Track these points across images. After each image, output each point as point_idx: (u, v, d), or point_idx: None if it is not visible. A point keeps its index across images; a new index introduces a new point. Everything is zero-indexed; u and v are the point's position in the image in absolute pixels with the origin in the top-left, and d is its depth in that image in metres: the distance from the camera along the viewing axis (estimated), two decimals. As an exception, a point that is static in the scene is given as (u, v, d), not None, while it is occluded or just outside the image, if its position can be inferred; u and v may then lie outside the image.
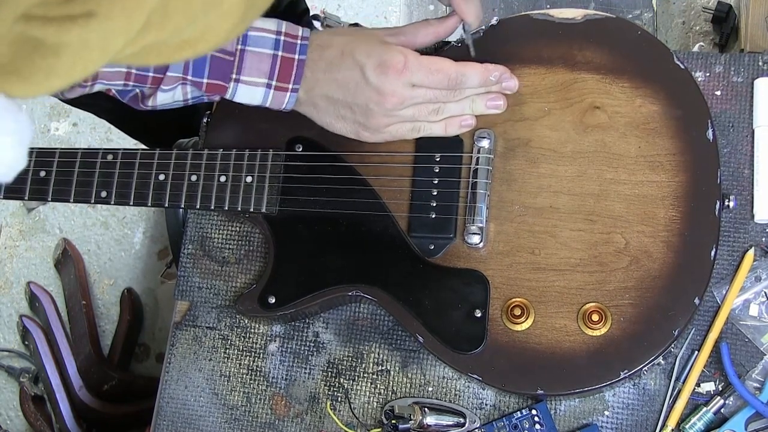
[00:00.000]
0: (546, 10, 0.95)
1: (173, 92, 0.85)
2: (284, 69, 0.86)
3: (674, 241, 0.86)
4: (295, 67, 0.86)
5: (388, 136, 0.91)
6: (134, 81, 0.84)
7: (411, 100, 0.87)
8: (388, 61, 0.85)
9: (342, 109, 0.88)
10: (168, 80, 0.84)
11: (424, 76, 0.86)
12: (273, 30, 0.86)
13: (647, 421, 0.89)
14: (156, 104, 0.87)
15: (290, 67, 0.86)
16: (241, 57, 0.85)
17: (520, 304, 0.87)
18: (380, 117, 0.88)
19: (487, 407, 0.92)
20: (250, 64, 0.85)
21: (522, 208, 0.90)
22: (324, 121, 0.91)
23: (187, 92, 0.86)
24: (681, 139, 0.89)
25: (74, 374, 1.70)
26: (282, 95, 0.87)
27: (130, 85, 0.84)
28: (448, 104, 0.90)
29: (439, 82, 0.87)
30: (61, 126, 2.01)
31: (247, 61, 0.85)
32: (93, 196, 0.95)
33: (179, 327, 1.00)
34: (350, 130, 0.91)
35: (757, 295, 0.90)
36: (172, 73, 0.83)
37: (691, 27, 1.73)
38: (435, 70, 0.86)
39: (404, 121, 0.89)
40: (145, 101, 0.87)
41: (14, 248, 1.94)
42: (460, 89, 0.89)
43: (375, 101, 0.86)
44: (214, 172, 0.94)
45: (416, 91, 0.87)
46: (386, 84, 0.85)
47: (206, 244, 1.02)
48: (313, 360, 0.97)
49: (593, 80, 0.92)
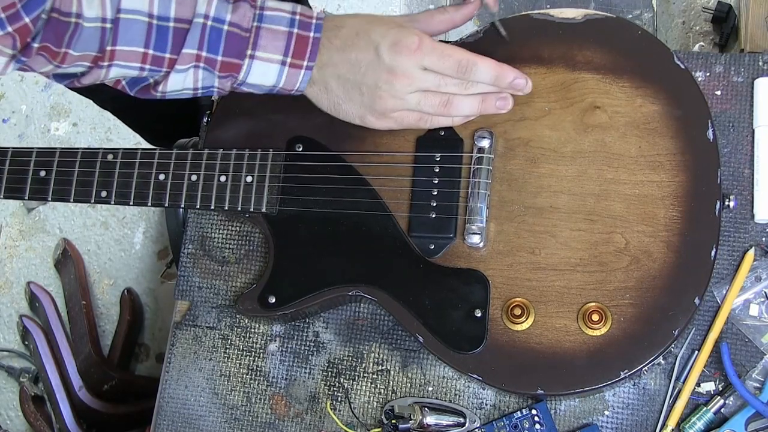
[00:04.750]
0: (546, 10, 0.95)
1: (185, 75, 0.85)
2: (299, 46, 0.86)
3: (674, 241, 0.86)
4: (310, 44, 0.86)
5: (393, 124, 0.90)
6: (150, 64, 0.84)
7: (420, 83, 0.87)
8: (403, 41, 0.85)
9: (351, 90, 0.88)
10: (183, 58, 0.84)
11: (437, 60, 0.86)
12: (288, 10, 0.87)
13: (647, 421, 0.89)
14: (167, 90, 0.86)
15: (305, 44, 0.86)
16: (256, 33, 0.85)
17: (520, 304, 0.87)
18: (388, 98, 0.87)
19: (487, 407, 0.92)
20: (266, 41, 0.85)
21: (522, 208, 0.90)
22: (332, 103, 0.90)
23: (199, 79, 0.86)
24: (681, 139, 0.89)
25: (74, 374, 1.70)
26: (296, 73, 0.87)
27: (146, 70, 0.84)
28: (458, 98, 0.89)
29: (450, 68, 0.87)
30: (61, 126, 2.01)
31: (262, 38, 0.85)
32: (93, 196, 0.95)
33: (179, 327, 1.00)
34: (356, 114, 0.90)
35: (757, 295, 0.90)
36: (187, 50, 0.83)
37: (691, 27, 1.73)
38: (447, 55, 0.86)
39: (410, 108, 0.89)
40: (156, 87, 0.87)
41: (14, 248, 1.94)
42: (471, 81, 0.89)
43: (385, 80, 0.86)
44: (214, 171, 0.94)
45: (426, 74, 0.87)
46: (399, 63, 0.85)
47: (206, 243, 1.02)
48: (313, 360, 0.97)
49: (593, 80, 0.92)
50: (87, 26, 0.80)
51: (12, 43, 0.76)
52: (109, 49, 0.82)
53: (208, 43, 0.84)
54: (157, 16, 0.82)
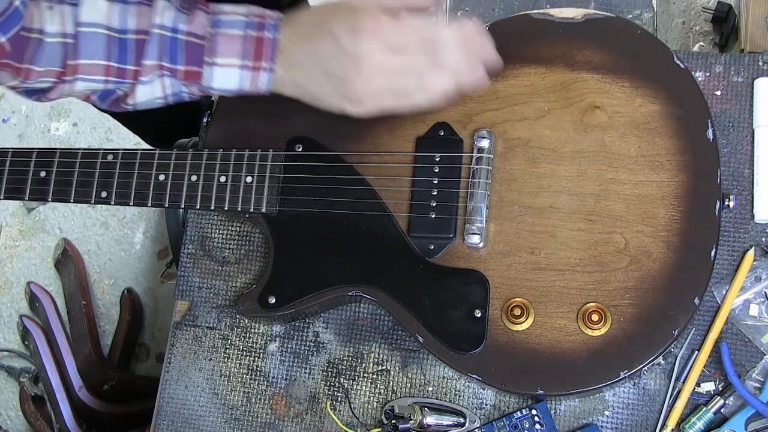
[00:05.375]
0: (546, 10, 0.95)
1: (152, 86, 0.85)
2: (256, 48, 0.85)
3: (674, 241, 0.86)
4: (265, 46, 0.85)
5: (372, 108, 0.86)
6: (114, 76, 0.84)
7: (385, 64, 0.84)
8: (360, 25, 0.83)
9: (322, 83, 0.86)
10: (146, 70, 0.84)
11: (399, 38, 0.83)
12: (242, 12, 0.86)
13: (647, 421, 0.89)
14: (137, 102, 0.86)
15: (261, 45, 0.85)
16: (213, 40, 0.85)
17: (520, 304, 0.87)
18: (358, 85, 0.84)
19: (487, 407, 0.92)
20: (223, 46, 0.85)
21: (522, 208, 0.90)
22: (310, 98, 0.88)
23: (166, 86, 0.86)
24: (681, 139, 0.89)
25: (74, 374, 1.71)
26: (257, 75, 0.86)
27: (111, 82, 0.84)
28: (428, 72, 0.85)
29: (413, 42, 0.84)
30: (61, 126, 2.01)
31: (220, 44, 0.85)
32: (93, 196, 0.95)
33: (179, 327, 1.01)
34: (335, 105, 0.87)
35: (757, 295, 0.90)
36: (148, 61, 0.83)
37: (691, 27, 1.73)
38: (408, 32, 0.83)
39: (383, 91, 0.86)
40: (126, 100, 0.87)
41: (14, 248, 1.94)
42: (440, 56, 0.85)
43: (351, 67, 0.84)
44: (214, 172, 0.94)
45: (391, 55, 0.84)
46: (360, 47, 0.83)
47: (206, 244, 1.02)
48: (313, 360, 0.97)
49: (593, 80, 0.92)
50: (49, 41, 0.80)
51: None
52: (71, 64, 0.82)
53: (168, 52, 0.84)
54: (116, 29, 0.82)
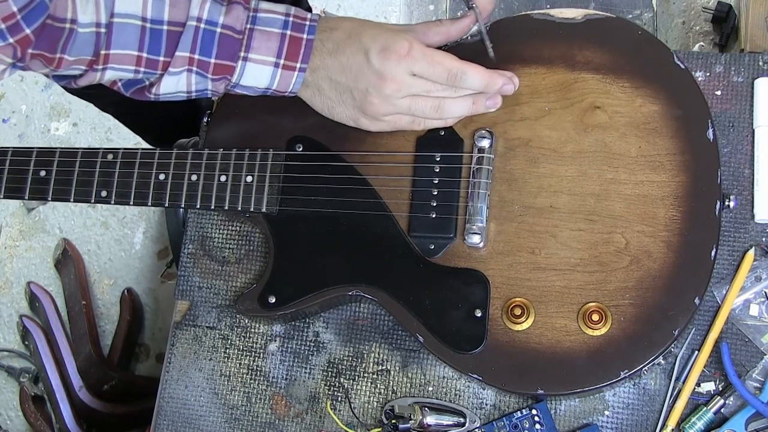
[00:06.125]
0: (546, 10, 0.95)
1: (178, 78, 0.85)
2: (292, 48, 0.86)
3: (674, 241, 0.86)
4: (303, 47, 0.86)
5: (386, 126, 0.91)
6: (145, 66, 0.84)
7: (409, 89, 0.87)
8: (393, 46, 0.85)
9: (343, 93, 0.89)
10: (176, 61, 0.84)
11: (426, 67, 0.86)
12: (282, 12, 0.87)
13: (647, 421, 0.89)
14: (160, 92, 0.87)
15: (298, 46, 0.86)
16: (249, 35, 0.85)
17: (520, 304, 0.87)
18: (378, 103, 0.88)
19: (487, 407, 0.92)
20: (259, 42, 0.85)
21: (522, 208, 0.90)
22: (325, 105, 0.91)
23: (192, 83, 0.86)
24: (681, 139, 0.89)
25: (74, 374, 1.71)
26: (290, 75, 0.87)
27: (141, 72, 0.84)
28: (448, 101, 0.90)
29: (439, 76, 0.87)
30: (61, 126, 2.01)
31: (255, 40, 0.85)
32: (93, 195, 0.95)
33: (179, 327, 1.01)
34: (349, 116, 0.91)
35: (757, 295, 0.90)
36: (180, 53, 0.84)
37: (691, 27, 1.73)
38: (437, 63, 0.87)
39: (401, 112, 0.90)
40: (151, 89, 0.87)
41: (14, 248, 1.94)
42: (460, 88, 0.89)
43: (374, 85, 0.87)
44: (215, 171, 0.94)
45: (416, 80, 0.87)
46: (387, 68, 0.86)
47: (206, 243, 1.02)
48: (314, 360, 0.97)
49: (593, 80, 0.92)
50: (81, 32, 0.80)
51: (12, 53, 0.76)
52: (103, 53, 0.82)
53: (200, 45, 0.84)
54: (150, 20, 0.82)
